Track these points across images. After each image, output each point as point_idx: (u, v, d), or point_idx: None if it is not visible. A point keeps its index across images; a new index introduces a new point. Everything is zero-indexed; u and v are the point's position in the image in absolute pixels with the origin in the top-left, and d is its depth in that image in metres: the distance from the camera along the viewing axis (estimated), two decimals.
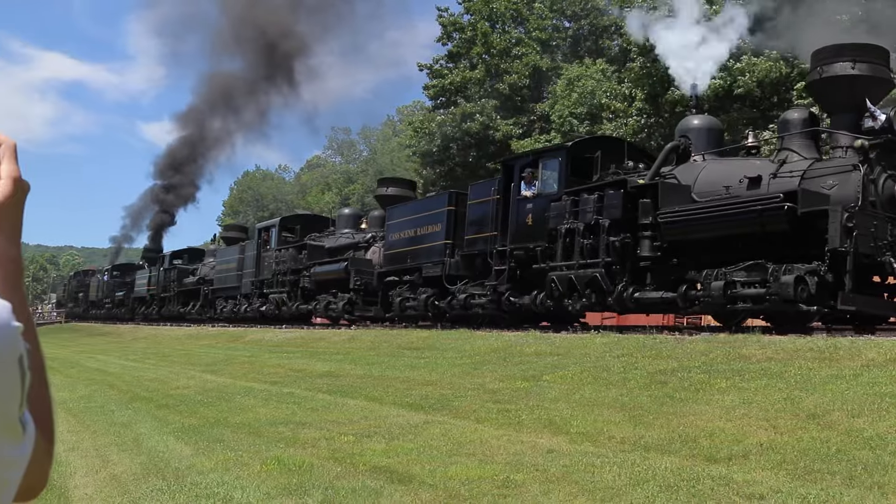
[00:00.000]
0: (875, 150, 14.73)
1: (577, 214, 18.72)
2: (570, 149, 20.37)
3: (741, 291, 15.05)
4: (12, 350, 1.11)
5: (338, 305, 29.55)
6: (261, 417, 11.17)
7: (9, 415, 1.13)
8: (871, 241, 13.99)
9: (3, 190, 1.24)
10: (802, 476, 6.38)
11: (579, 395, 10.73)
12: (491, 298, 21.35)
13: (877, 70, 15.34)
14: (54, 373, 21.98)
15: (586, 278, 18.17)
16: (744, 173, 16.22)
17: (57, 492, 7.63)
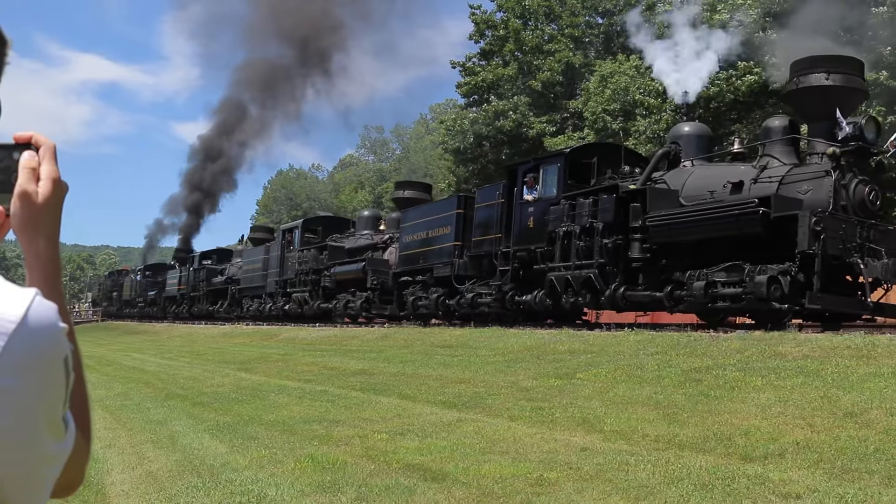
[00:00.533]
0: (847, 157, 15.63)
1: (574, 217, 19.65)
2: (569, 155, 21.42)
3: (721, 291, 16.04)
4: (59, 350, 1.13)
5: (356, 304, 30.78)
6: (294, 415, 11.22)
7: (54, 413, 1.15)
8: (840, 244, 14.78)
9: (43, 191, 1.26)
10: (840, 475, 6.31)
11: (613, 393, 10.67)
12: (496, 297, 22.41)
13: (850, 80, 16.17)
14: (91, 371, 22.24)
15: (581, 278, 19.14)
16: (727, 178, 17.17)
17: (94, 488, 7.71)
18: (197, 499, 6.93)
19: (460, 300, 24.04)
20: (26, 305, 1.09)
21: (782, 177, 16.30)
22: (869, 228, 15.43)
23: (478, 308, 23.27)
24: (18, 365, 1.07)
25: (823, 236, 14.62)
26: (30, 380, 1.09)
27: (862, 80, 16.77)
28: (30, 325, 1.08)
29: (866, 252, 15.10)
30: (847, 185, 15.65)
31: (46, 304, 1.12)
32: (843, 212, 15.44)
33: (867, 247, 15.16)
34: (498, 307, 22.44)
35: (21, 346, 1.07)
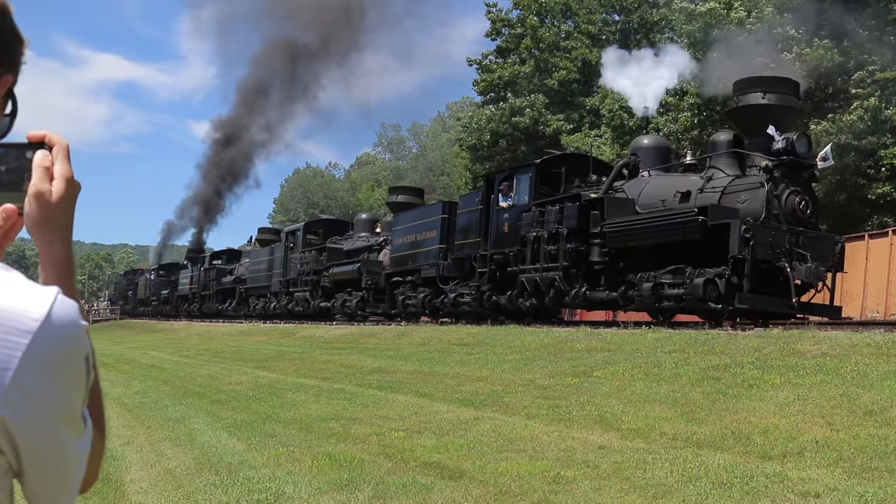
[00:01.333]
0: (779, 169, 17.03)
1: (543, 223, 21.15)
2: (539, 165, 22.99)
3: (666, 292, 17.62)
4: (81, 348, 1.14)
5: (352, 303, 32.71)
6: (312, 413, 11.25)
7: (74, 411, 1.16)
8: (769, 249, 16.23)
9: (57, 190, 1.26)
10: (859, 474, 6.27)
11: (630, 390, 10.64)
12: (475, 297, 24.06)
13: (785, 99, 17.75)
14: (110, 369, 22.36)
15: (548, 280, 20.67)
16: (677, 188, 18.67)
17: (113, 486, 7.76)
18: (215, 496, 6.96)
19: (444, 300, 25.72)
20: (49, 304, 1.10)
21: (724, 187, 17.74)
22: (798, 235, 16.78)
23: (459, 307, 24.96)
24: (42, 363, 1.08)
25: (753, 242, 16.05)
26: (53, 378, 1.10)
27: (796, 98, 18.42)
28: (53, 324, 1.09)
29: (794, 257, 16.49)
30: (779, 195, 17.02)
31: (69, 303, 1.13)
32: (775, 220, 16.80)
33: (795, 252, 16.54)
34: (477, 306, 24.01)
35: (45, 345, 1.08)
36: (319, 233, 38.85)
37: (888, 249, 20.48)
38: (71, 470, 1.20)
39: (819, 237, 17.58)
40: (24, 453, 1.12)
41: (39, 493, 1.18)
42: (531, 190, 22.35)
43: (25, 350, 1.06)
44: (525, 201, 22.39)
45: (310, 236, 38.66)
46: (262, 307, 41.87)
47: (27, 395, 1.07)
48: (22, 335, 1.06)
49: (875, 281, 20.79)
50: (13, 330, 1.06)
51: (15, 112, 1.35)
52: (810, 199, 17.61)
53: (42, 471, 1.15)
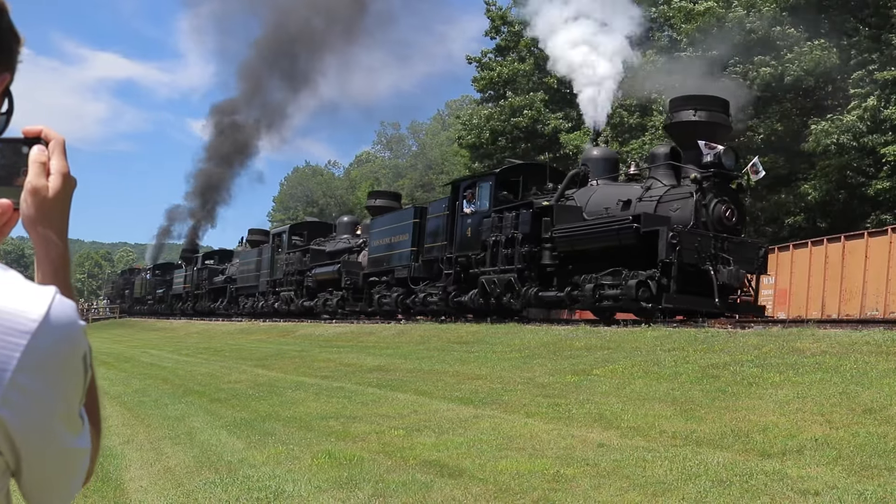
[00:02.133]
0: (708, 180, 18.66)
1: (501, 228, 22.89)
2: (499, 174, 24.76)
3: (606, 292, 19.31)
4: (79, 348, 1.14)
5: (332, 302, 34.58)
6: (311, 411, 11.25)
7: (72, 409, 1.16)
8: (695, 254, 17.85)
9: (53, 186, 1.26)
10: (859, 472, 6.27)
11: (630, 389, 10.65)
12: (441, 297, 25.79)
13: (715, 117, 19.42)
14: (109, 367, 22.36)
15: (504, 281, 22.40)
16: (620, 197, 20.32)
17: (113, 484, 7.75)
18: (215, 495, 6.96)
19: (414, 299, 27.51)
20: (48, 304, 1.10)
21: (660, 196, 19.40)
22: (723, 241, 18.41)
23: (428, 306, 26.78)
24: (41, 363, 1.08)
25: (679, 248, 17.72)
26: (51, 378, 1.10)
27: (726, 116, 20.02)
28: (52, 324, 1.09)
29: (719, 261, 18.12)
30: (707, 204, 18.67)
31: (67, 303, 1.13)
32: (703, 227, 18.44)
33: (720, 256, 18.18)
34: (443, 306, 25.87)
35: (43, 345, 1.08)
36: (304, 234, 40.42)
37: (887, 247, 20.49)
38: (69, 468, 1.20)
39: (743, 243, 19.27)
40: (23, 453, 1.12)
41: (37, 493, 1.18)
42: (491, 197, 24.03)
43: (24, 350, 1.06)
44: (486, 208, 24.04)
45: (295, 238, 40.16)
46: (250, 306, 43.56)
47: (26, 395, 1.07)
48: (20, 335, 1.06)
49: (874, 279, 20.80)
50: (11, 330, 1.06)
51: (11, 110, 1.35)
52: (736, 208, 19.20)
53: (39, 470, 1.15)
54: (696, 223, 18.42)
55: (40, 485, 1.17)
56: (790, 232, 32.07)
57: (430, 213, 27.66)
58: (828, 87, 32.32)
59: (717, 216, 18.69)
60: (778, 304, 24.38)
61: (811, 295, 22.95)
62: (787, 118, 31.73)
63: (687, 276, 18.03)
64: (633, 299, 18.45)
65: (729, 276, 18.07)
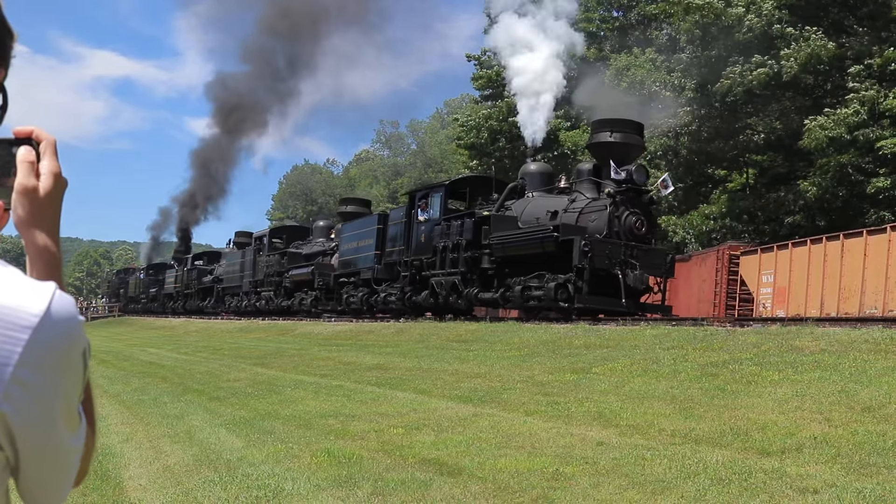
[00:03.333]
0: (621, 195, 21.13)
1: (449, 235, 25.26)
2: (448, 186, 27.27)
3: (532, 293, 21.73)
4: (79, 343, 1.14)
5: (307, 301, 37.03)
6: (310, 410, 11.25)
7: (71, 405, 1.16)
8: (606, 260, 20.27)
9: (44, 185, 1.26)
10: (857, 470, 6.27)
11: (629, 387, 10.65)
12: (398, 297, 28.24)
13: (629, 138, 22.26)
14: (108, 366, 22.34)
15: (450, 283, 24.93)
16: (549, 208, 22.75)
17: (112, 482, 7.75)
18: (214, 493, 6.96)
19: (377, 298, 29.94)
20: (48, 299, 1.10)
21: (582, 208, 21.90)
22: (632, 248, 20.81)
23: (388, 305, 29.24)
24: (42, 358, 1.08)
25: (591, 255, 20.12)
26: (52, 373, 1.10)
27: (639, 137, 22.92)
28: (52, 319, 1.09)
29: (627, 266, 20.51)
30: (620, 216, 21.12)
31: (66, 298, 1.13)
32: (616, 236, 20.90)
33: (629, 262, 20.57)
34: (401, 305, 28.23)
35: (44, 340, 1.08)
36: (284, 238, 43.26)
37: (886, 245, 20.48)
38: (66, 465, 1.20)
39: (651, 250, 21.63)
40: (23, 448, 1.12)
41: (35, 489, 1.18)
42: (442, 206, 26.39)
43: (25, 345, 1.06)
44: (437, 216, 26.35)
45: (275, 240, 42.97)
46: (235, 305, 46.20)
47: (27, 390, 1.07)
48: (21, 330, 1.06)
49: (873, 277, 20.78)
50: (13, 325, 1.06)
51: (5, 106, 1.35)
52: (646, 220, 21.51)
53: (39, 466, 1.15)
54: (610, 232, 20.88)
55: (38, 481, 1.17)
56: (789, 230, 32.07)
57: (391, 219, 30.10)
58: (826, 86, 32.31)
59: (629, 226, 21.12)
60: (777, 302, 24.38)
61: (810, 293, 22.93)
62: (786, 116, 31.70)
63: (600, 279, 20.43)
64: (553, 300, 20.94)
65: (635, 280, 20.49)
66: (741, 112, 34.87)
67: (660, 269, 21.64)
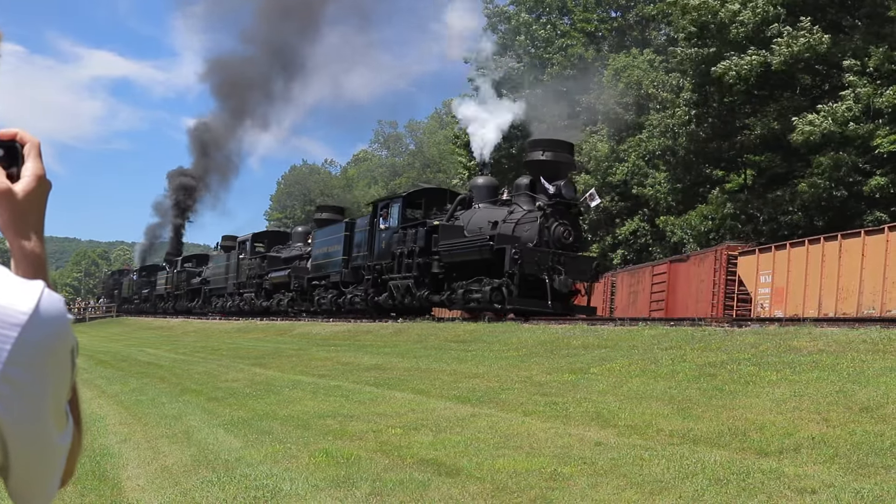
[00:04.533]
0: (551, 207, 23.73)
1: (405, 242, 27.64)
2: (405, 197, 29.85)
3: (471, 296, 24.23)
4: (67, 342, 1.14)
5: (283, 302, 39.64)
6: (309, 410, 11.25)
7: (59, 404, 1.16)
8: (535, 266, 22.69)
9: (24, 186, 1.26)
10: (855, 470, 6.28)
11: (627, 387, 10.65)
12: (363, 298, 30.86)
13: (559, 157, 24.90)
14: (106, 366, 22.33)
15: (405, 286, 27.27)
16: (490, 219, 25.11)
17: (110, 483, 7.75)
18: (212, 493, 6.96)
19: (344, 300, 32.43)
20: (37, 297, 1.10)
21: (518, 219, 24.17)
22: (559, 256, 23.21)
23: (354, 306, 31.69)
24: (31, 356, 1.07)
25: (521, 261, 22.51)
26: (41, 371, 1.09)
27: (569, 155, 25.78)
28: (41, 317, 1.09)
29: (554, 272, 22.86)
30: (549, 226, 23.64)
31: (55, 296, 1.13)
32: (546, 245, 23.35)
33: (556, 268, 22.92)
34: (364, 305, 30.81)
35: (34, 338, 1.07)
36: (265, 242, 45.74)
37: (884, 246, 20.49)
38: (54, 464, 1.20)
39: (577, 258, 24.25)
40: (12, 448, 1.11)
41: (24, 489, 1.18)
42: (400, 216, 28.80)
43: (14, 343, 1.06)
44: (396, 224, 28.79)
45: (257, 245, 45.66)
46: (220, 305, 48.63)
47: (16, 388, 1.07)
48: (10, 328, 1.06)
49: (871, 277, 20.80)
50: (1, 323, 1.06)
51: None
52: (573, 230, 24.20)
53: (28, 465, 1.15)
54: (540, 241, 23.35)
55: (27, 481, 1.17)
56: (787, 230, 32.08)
57: (357, 227, 32.55)
58: (824, 85, 32.30)
59: (557, 236, 23.67)
60: (775, 302, 24.39)
61: (808, 293, 22.94)
62: (784, 116, 31.70)
63: (530, 283, 22.77)
64: (489, 302, 23.41)
65: (560, 284, 22.88)
66: (739, 112, 34.88)
67: (585, 275, 24.26)
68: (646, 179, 39.93)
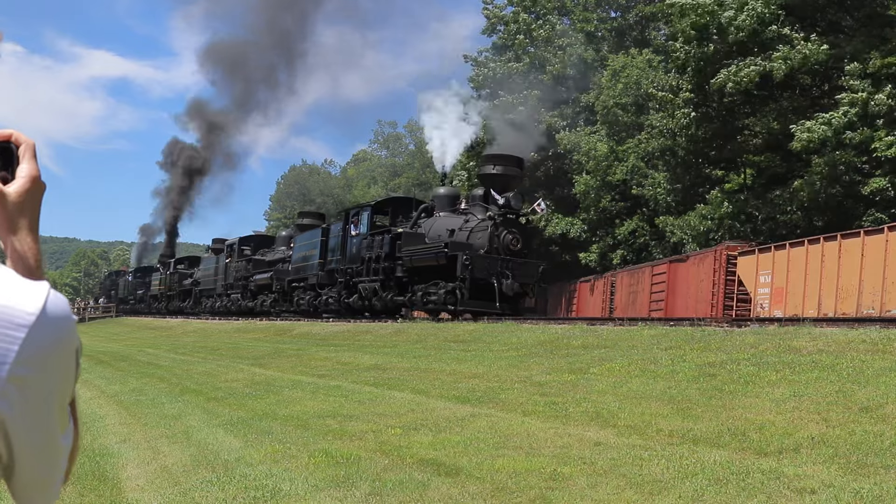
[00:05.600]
0: (500, 217, 26.10)
1: (372, 248, 30.10)
2: (374, 206, 32.42)
3: (429, 297, 26.40)
4: (72, 342, 1.15)
5: (267, 303, 42.03)
6: (308, 410, 11.25)
7: (64, 404, 1.16)
8: (484, 272, 25.10)
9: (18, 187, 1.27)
10: (855, 470, 6.28)
11: (626, 387, 10.65)
12: (335, 299, 33.31)
13: (509, 171, 27.94)
14: (106, 366, 22.33)
15: (372, 288, 29.87)
16: (448, 227, 27.26)
17: (110, 483, 7.75)
18: (211, 493, 6.96)
19: (319, 300, 34.94)
20: (44, 298, 1.10)
21: (473, 228, 26.61)
22: (507, 262, 25.54)
23: (328, 306, 34.09)
24: (38, 356, 1.08)
25: (471, 267, 24.90)
26: (48, 371, 1.10)
27: (518, 169, 28.71)
28: (48, 317, 1.09)
29: (502, 276, 25.18)
30: (499, 234, 25.96)
31: (60, 297, 1.13)
32: (495, 252, 25.71)
33: (504, 272, 25.25)
34: (337, 306, 33.08)
35: (41, 338, 1.08)
36: (251, 246, 47.83)
37: (883, 246, 20.48)
38: (58, 464, 1.20)
39: (524, 263, 26.18)
40: (17, 448, 1.11)
41: (29, 489, 1.18)
42: (369, 223, 31.11)
43: (22, 343, 1.06)
44: (365, 231, 31.07)
45: (244, 248, 47.66)
46: (209, 306, 51.12)
47: (24, 388, 1.07)
48: (18, 328, 1.06)
49: (870, 278, 20.79)
50: (9, 324, 1.06)
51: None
52: (521, 238, 26.36)
53: (33, 465, 1.15)
54: (490, 248, 25.69)
55: (31, 481, 1.17)
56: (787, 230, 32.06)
57: (332, 233, 34.79)
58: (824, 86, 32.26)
59: (506, 243, 25.93)
60: (774, 302, 24.39)
61: (807, 293, 22.93)
62: (784, 117, 31.66)
63: (481, 286, 25.02)
64: (443, 303, 25.77)
65: (507, 287, 25.13)
66: (739, 113, 34.84)
67: (532, 279, 26.33)
68: (645, 180, 39.90)
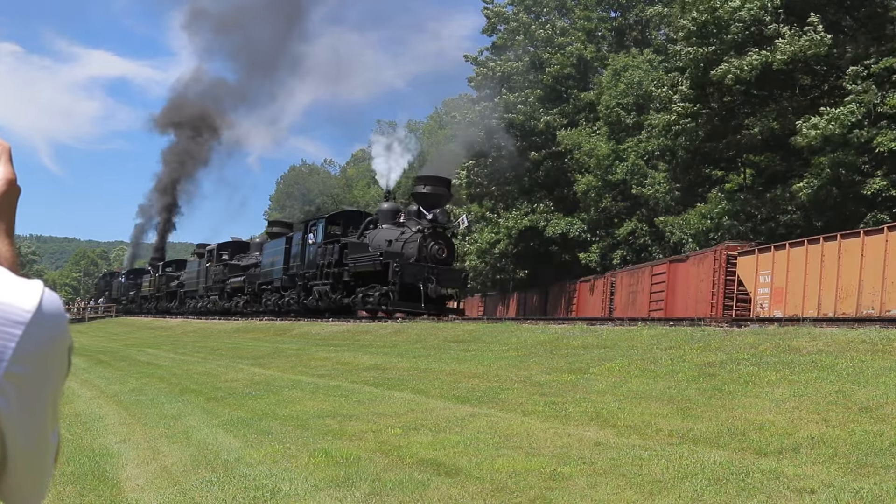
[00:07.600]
0: (429, 230, 30.11)
1: (325, 255, 33.93)
2: (328, 218, 35.96)
3: (368, 299, 30.33)
4: (66, 340, 1.15)
5: (240, 304, 45.84)
6: (308, 410, 11.25)
7: (56, 402, 1.17)
8: (412, 277, 28.95)
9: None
10: (855, 470, 6.28)
11: (626, 387, 10.65)
12: (295, 300, 37.27)
13: (437, 190, 31.72)
14: (106, 366, 22.32)
15: (324, 290, 33.78)
16: (387, 237, 31.12)
17: (109, 483, 7.75)
18: (211, 493, 6.96)
19: (283, 301, 38.75)
20: (39, 295, 1.10)
21: (406, 239, 30.48)
22: (433, 269, 29.44)
23: (290, 307, 37.83)
24: (34, 354, 1.08)
25: (401, 273, 28.85)
26: (43, 368, 1.10)
27: (446, 189, 32.56)
28: (44, 315, 1.09)
29: (428, 281, 28.97)
30: (427, 245, 29.96)
31: (55, 296, 1.14)
32: (424, 260, 29.61)
33: (430, 278, 29.05)
34: (297, 306, 36.96)
35: (37, 336, 1.08)
36: (229, 251, 51.26)
37: (883, 246, 20.49)
38: (48, 463, 1.20)
39: (449, 270, 30.43)
40: (11, 445, 1.11)
41: (20, 488, 1.17)
42: (323, 233, 34.71)
43: (19, 341, 1.06)
44: (320, 240, 34.69)
45: (222, 253, 51.14)
46: (192, 306, 54.55)
47: (20, 386, 1.07)
48: (15, 326, 1.06)
49: (870, 278, 20.80)
50: (6, 321, 1.06)
51: None
52: (447, 248, 30.63)
53: (26, 464, 1.14)
54: (419, 257, 29.63)
55: (23, 480, 1.16)
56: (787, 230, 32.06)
57: (294, 241, 38.25)
58: (824, 86, 32.27)
59: (433, 253, 29.97)
60: (774, 302, 24.40)
61: (807, 293, 22.94)
62: (783, 116, 31.67)
63: (410, 290, 28.76)
64: (378, 304, 29.72)
65: (431, 291, 29.00)
66: (738, 112, 34.83)
67: (455, 283, 31.14)
68: (645, 179, 39.90)
